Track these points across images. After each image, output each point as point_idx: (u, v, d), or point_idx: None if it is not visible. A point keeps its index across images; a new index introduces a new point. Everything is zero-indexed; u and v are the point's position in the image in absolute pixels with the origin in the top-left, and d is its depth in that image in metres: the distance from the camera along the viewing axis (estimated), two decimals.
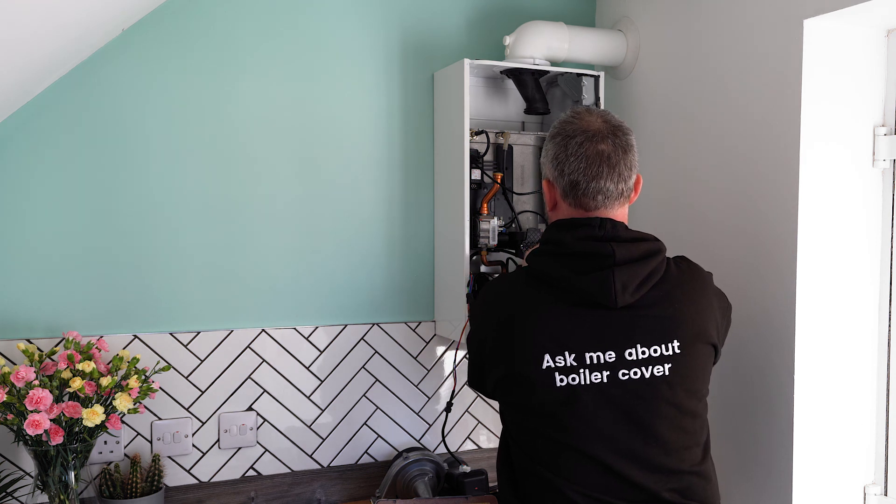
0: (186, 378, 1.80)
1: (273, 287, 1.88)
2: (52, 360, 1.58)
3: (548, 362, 1.31)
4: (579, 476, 1.31)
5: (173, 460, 1.80)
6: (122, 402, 1.51)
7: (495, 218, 1.85)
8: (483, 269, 1.89)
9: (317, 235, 1.91)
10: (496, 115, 2.05)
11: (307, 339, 1.91)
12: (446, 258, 1.94)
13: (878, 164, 1.57)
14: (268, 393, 1.88)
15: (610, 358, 1.31)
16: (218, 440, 1.84)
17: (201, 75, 1.79)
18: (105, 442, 1.74)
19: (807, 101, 1.51)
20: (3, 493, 1.59)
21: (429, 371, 2.03)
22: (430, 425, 2.04)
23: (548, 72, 1.91)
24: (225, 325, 1.84)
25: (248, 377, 1.86)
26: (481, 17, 2.05)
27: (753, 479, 1.63)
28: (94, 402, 1.52)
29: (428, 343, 2.03)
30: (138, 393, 1.56)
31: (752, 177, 1.63)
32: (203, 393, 1.82)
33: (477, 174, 1.87)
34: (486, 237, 1.85)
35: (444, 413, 1.91)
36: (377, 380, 1.98)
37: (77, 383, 1.49)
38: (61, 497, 1.52)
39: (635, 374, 1.31)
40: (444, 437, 1.93)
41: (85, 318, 1.72)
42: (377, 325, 1.98)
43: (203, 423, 1.83)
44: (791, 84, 1.53)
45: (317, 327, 1.92)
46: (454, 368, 1.99)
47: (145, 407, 1.75)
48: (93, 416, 1.47)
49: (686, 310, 1.35)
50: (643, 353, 1.31)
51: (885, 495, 1.60)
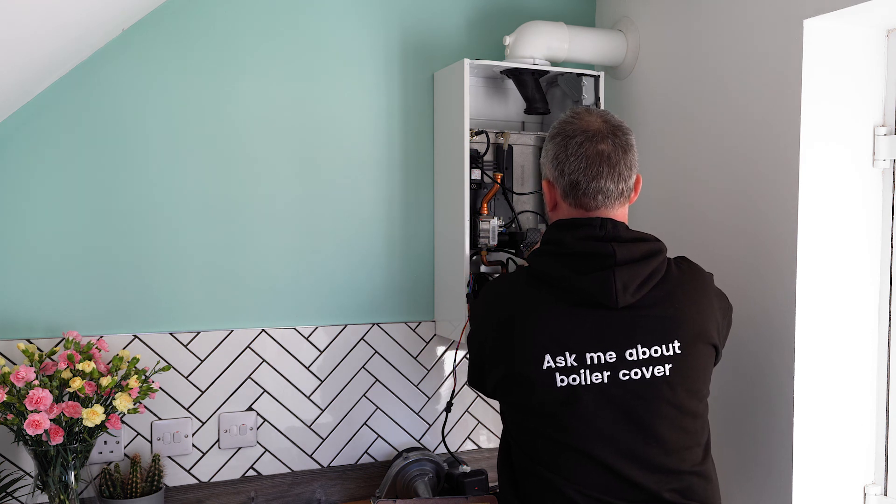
0: (186, 378, 1.81)
1: (273, 287, 1.88)
2: (52, 360, 1.58)
3: (548, 362, 1.31)
4: (580, 476, 1.31)
5: (173, 460, 1.80)
6: (122, 402, 1.51)
7: (495, 218, 1.85)
8: (483, 269, 1.89)
9: (317, 235, 1.91)
10: (496, 115, 2.05)
11: (307, 339, 1.91)
12: (446, 258, 1.94)
13: (878, 164, 1.57)
14: (268, 393, 1.88)
15: (610, 358, 1.31)
16: (218, 440, 1.84)
17: (201, 75, 1.79)
18: (105, 442, 1.74)
19: (807, 101, 1.51)
20: (3, 493, 1.59)
21: (429, 371, 2.03)
22: (430, 425, 2.04)
23: (548, 72, 1.91)
24: (225, 325, 1.84)
25: (248, 377, 1.86)
26: (481, 17, 2.05)
27: (753, 479, 1.63)
28: (94, 402, 1.51)
29: (428, 343, 2.03)
30: (138, 393, 1.56)
31: (752, 177, 1.63)
32: (203, 393, 1.82)
33: (477, 174, 1.87)
34: (486, 237, 1.85)
35: (444, 413, 1.91)
36: (377, 380, 1.98)
37: (77, 383, 1.49)
38: (61, 497, 1.52)
39: (636, 374, 1.31)
40: (444, 437, 1.93)
41: (85, 318, 1.72)
42: (377, 325, 1.98)
43: (203, 423, 1.83)
44: (791, 84, 1.53)
45: (317, 327, 1.92)
46: (454, 368, 1.99)
47: (145, 407, 1.75)
48: (93, 416, 1.47)
49: (687, 310, 1.35)
50: (644, 353, 1.31)
51: (885, 495, 1.61)
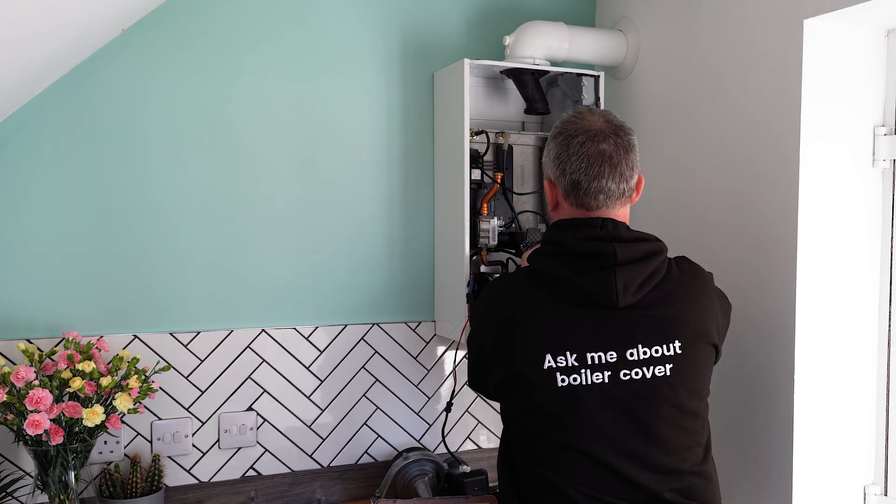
0: (186, 378, 1.80)
1: (273, 287, 1.87)
2: (52, 360, 1.58)
3: (549, 362, 1.31)
4: (580, 476, 1.31)
5: (173, 460, 1.80)
6: (122, 402, 1.51)
7: (495, 218, 1.85)
8: (483, 269, 1.89)
9: (317, 235, 1.91)
10: (496, 115, 2.05)
11: (307, 339, 1.91)
12: (446, 258, 1.94)
13: (878, 164, 1.57)
14: (268, 393, 1.88)
15: (611, 358, 1.31)
16: (218, 440, 1.84)
17: (201, 75, 1.79)
18: (105, 442, 1.74)
19: (807, 101, 1.51)
20: (3, 493, 1.59)
21: (429, 371, 2.03)
22: (430, 425, 2.04)
23: (548, 72, 1.91)
24: (225, 325, 1.84)
25: (248, 377, 1.86)
26: (481, 17, 2.05)
27: (753, 479, 1.63)
28: (94, 402, 1.51)
29: (428, 343, 2.03)
30: (138, 393, 1.55)
31: (752, 177, 1.63)
32: (203, 393, 1.82)
33: (477, 174, 1.87)
34: (486, 237, 1.85)
35: (444, 413, 1.91)
36: (377, 380, 1.98)
37: (77, 383, 1.49)
38: (61, 497, 1.51)
39: (636, 374, 1.31)
40: (444, 437, 1.93)
41: (85, 318, 1.72)
42: (377, 325, 1.98)
43: (203, 423, 1.82)
44: (791, 84, 1.53)
45: (317, 327, 1.92)
46: (454, 368, 1.99)
47: (145, 407, 1.75)
48: (93, 416, 1.47)
49: (687, 310, 1.35)
50: (644, 353, 1.31)
51: (885, 495, 1.61)
